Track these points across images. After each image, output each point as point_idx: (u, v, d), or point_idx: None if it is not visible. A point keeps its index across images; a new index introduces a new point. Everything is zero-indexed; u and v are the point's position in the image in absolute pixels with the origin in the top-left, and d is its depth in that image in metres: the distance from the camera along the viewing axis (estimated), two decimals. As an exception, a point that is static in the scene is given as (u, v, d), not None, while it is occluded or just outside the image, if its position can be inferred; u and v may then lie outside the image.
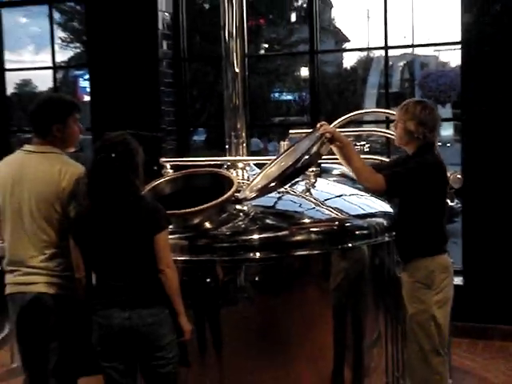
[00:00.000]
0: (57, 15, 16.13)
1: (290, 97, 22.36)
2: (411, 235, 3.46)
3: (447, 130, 20.40)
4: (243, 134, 4.35)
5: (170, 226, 3.21)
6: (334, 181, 4.53)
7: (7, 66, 7.52)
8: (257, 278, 3.58)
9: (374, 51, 22.60)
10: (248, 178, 4.08)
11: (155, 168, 4.14)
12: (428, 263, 3.38)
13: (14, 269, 3.19)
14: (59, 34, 16.98)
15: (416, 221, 3.43)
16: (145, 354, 2.96)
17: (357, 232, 3.72)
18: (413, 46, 19.29)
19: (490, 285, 5.23)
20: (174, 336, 2.99)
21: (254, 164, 4.31)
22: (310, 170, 3.89)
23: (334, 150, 3.43)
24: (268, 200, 3.76)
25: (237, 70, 4.29)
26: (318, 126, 3.52)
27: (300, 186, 4.02)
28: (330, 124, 3.78)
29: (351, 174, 3.52)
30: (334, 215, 3.79)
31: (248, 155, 4.43)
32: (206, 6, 15.58)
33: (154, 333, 2.91)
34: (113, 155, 2.88)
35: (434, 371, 3.36)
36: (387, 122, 5.84)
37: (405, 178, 3.37)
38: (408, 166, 3.42)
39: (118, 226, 2.89)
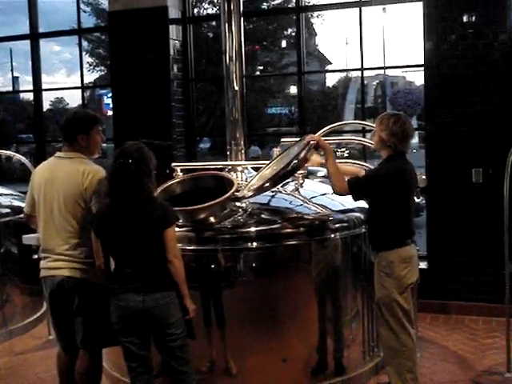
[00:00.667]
0: (85, 43, 16.12)
1: (281, 111, 22.33)
2: (376, 231, 3.37)
3: (414, 139, 20.33)
4: (242, 143, 4.34)
5: (180, 221, 3.18)
6: (319, 181, 4.52)
7: (44, 86, 7.51)
8: (253, 264, 3.56)
9: (352, 72, 22.50)
10: (246, 179, 4.06)
11: (167, 171, 4.11)
12: (388, 255, 3.25)
13: (45, 256, 3.19)
14: (87, 59, 16.96)
15: (379, 219, 3.32)
16: (157, 331, 2.92)
17: (338, 225, 3.70)
18: (384, 67, 19.24)
19: (449, 268, 5.22)
20: (180, 315, 2.95)
21: (251, 167, 4.29)
22: (299, 172, 3.86)
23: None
24: (263, 198, 3.75)
25: (236, 89, 4.28)
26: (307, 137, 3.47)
27: (290, 186, 4.00)
28: (316, 134, 3.74)
29: None
30: (319, 211, 3.77)
31: (246, 160, 4.41)
32: (211, 34, 15.57)
33: (164, 313, 2.88)
34: (129, 161, 2.85)
35: (401, 344, 3.28)
36: (363, 132, 5.82)
37: (364, 185, 3.29)
38: (368, 173, 3.36)
39: (133, 222, 2.85)
